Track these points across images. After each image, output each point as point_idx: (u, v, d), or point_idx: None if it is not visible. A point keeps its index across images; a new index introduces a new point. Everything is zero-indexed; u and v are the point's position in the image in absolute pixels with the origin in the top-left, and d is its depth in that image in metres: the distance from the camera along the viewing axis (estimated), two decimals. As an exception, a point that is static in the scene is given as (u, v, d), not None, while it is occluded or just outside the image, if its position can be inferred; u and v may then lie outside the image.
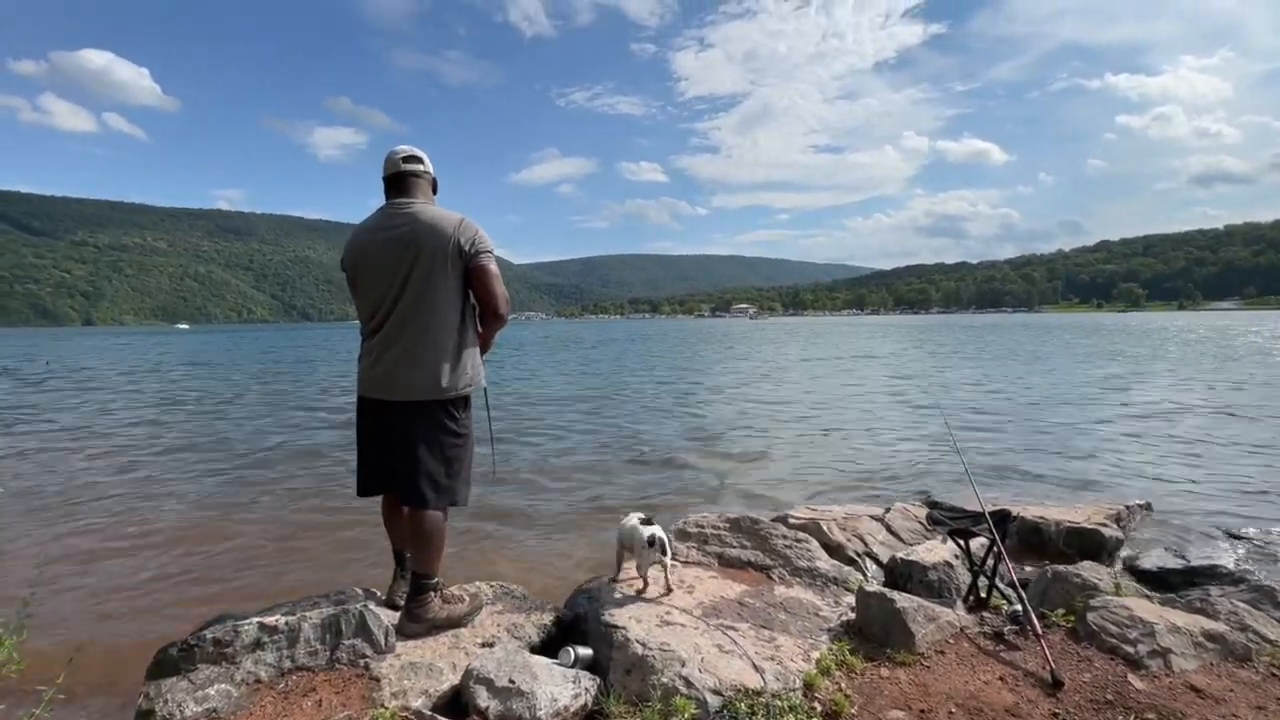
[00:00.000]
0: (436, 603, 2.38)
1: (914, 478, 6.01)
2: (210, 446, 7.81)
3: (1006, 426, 8.49)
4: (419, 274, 2.20)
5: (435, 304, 2.24)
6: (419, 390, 2.24)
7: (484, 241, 2.27)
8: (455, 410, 2.32)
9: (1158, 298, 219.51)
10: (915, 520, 4.04)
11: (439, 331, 2.25)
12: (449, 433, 2.30)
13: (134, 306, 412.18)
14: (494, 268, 2.28)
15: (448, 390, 2.26)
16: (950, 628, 2.43)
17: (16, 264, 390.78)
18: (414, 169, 2.33)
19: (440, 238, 2.20)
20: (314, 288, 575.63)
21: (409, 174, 2.33)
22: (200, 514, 5.04)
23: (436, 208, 2.32)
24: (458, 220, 2.25)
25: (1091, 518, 3.98)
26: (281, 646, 2.14)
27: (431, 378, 2.23)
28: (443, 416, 2.29)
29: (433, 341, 2.24)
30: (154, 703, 1.89)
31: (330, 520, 4.84)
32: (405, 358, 2.24)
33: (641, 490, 5.67)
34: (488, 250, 2.27)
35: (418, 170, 2.34)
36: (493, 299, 2.29)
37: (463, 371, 2.30)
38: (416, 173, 2.34)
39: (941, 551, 3.08)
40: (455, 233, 2.23)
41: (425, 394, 2.24)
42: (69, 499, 5.43)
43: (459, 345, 2.28)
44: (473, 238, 2.25)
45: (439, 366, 2.24)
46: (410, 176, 2.33)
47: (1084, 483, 5.73)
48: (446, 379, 2.25)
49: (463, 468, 2.36)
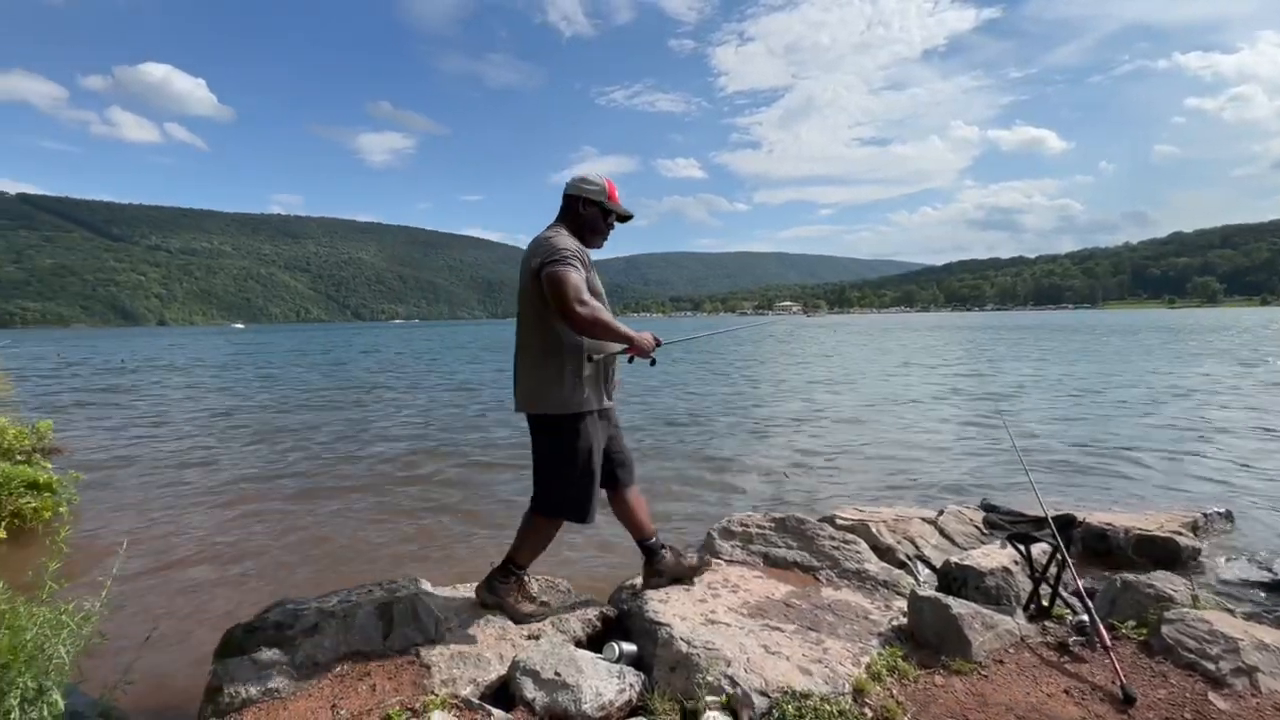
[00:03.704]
0: (513, 588, 2.51)
1: (968, 479, 5.78)
2: (279, 438, 8.19)
3: (1069, 428, 8.07)
4: (520, 293, 2.39)
5: (526, 321, 2.38)
6: (519, 403, 2.43)
7: (551, 250, 2.25)
8: (546, 427, 2.38)
9: (1237, 292, 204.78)
10: (970, 524, 3.89)
11: (528, 349, 2.38)
12: (542, 446, 2.42)
13: (202, 307, 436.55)
14: (559, 271, 2.20)
15: (535, 407, 2.37)
16: (1010, 636, 2.33)
17: (99, 267, 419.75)
18: (566, 193, 2.47)
19: (527, 258, 2.34)
20: (365, 288, 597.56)
21: (564, 197, 2.48)
22: (267, 502, 5.30)
23: (549, 230, 2.40)
24: (541, 238, 2.34)
25: (1165, 525, 3.75)
26: (338, 631, 2.22)
27: (523, 393, 2.40)
28: (535, 429, 2.43)
29: (525, 358, 2.40)
30: (222, 680, 1.98)
31: (393, 515, 5.00)
32: (516, 373, 2.46)
33: (686, 487, 5.64)
34: (554, 258, 2.23)
35: (566, 193, 2.47)
36: (558, 303, 2.22)
37: (542, 390, 2.33)
38: (565, 194, 2.48)
39: (999, 557, 2.95)
40: (533, 250, 2.32)
41: (520, 407, 2.43)
42: (148, 483, 5.79)
43: (540, 363, 2.33)
44: (541, 250, 2.28)
45: (526, 383, 2.39)
46: (563, 198, 2.48)
47: (1156, 488, 5.39)
48: (532, 395, 2.36)
49: (558, 483, 2.40)
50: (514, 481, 5.90)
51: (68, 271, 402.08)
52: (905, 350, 24.89)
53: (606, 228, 2.52)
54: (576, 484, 2.38)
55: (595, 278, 2.38)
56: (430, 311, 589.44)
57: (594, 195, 2.43)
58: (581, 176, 2.45)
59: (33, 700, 1.52)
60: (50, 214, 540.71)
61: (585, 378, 2.32)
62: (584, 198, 2.44)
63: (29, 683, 1.50)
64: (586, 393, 2.33)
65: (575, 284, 2.19)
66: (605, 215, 2.49)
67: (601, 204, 2.45)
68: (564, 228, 2.40)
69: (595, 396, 2.36)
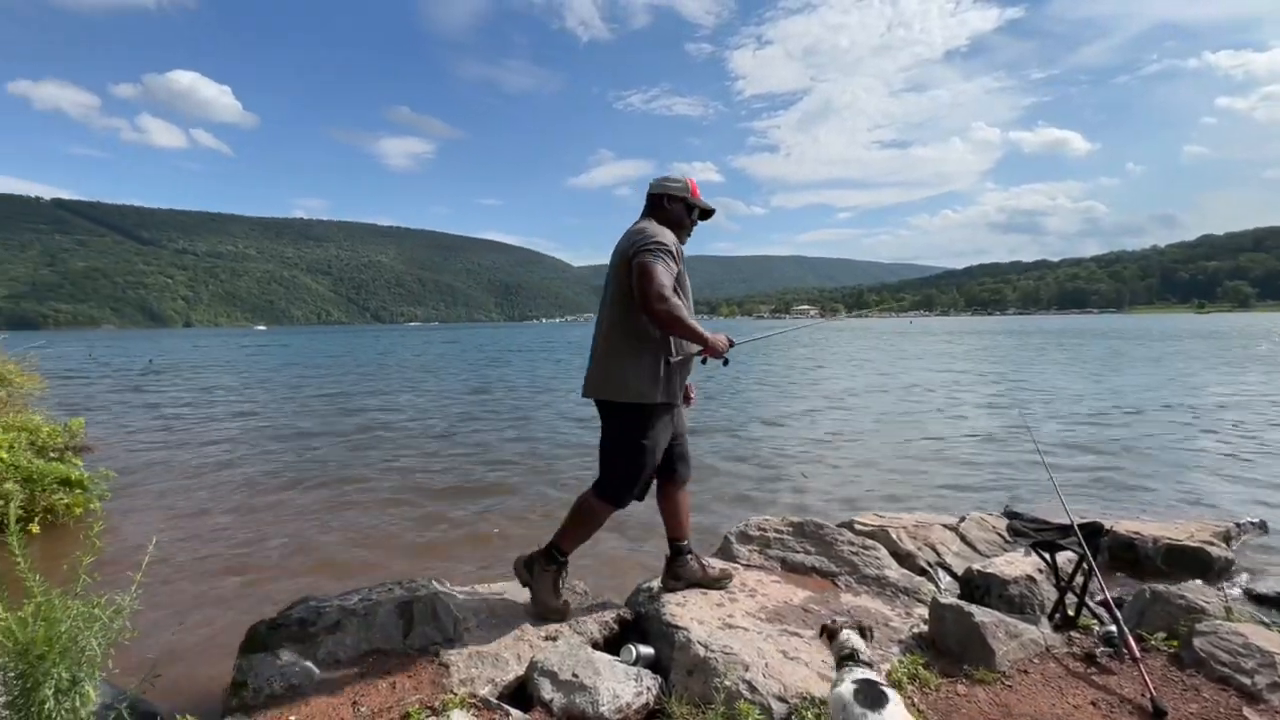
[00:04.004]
0: (550, 576, 2.48)
1: (989, 486, 5.69)
2: (301, 438, 8.33)
3: (1095, 434, 7.91)
4: (608, 279, 2.44)
5: (610, 308, 2.41)
6: (590, 387, 2.44)
7: (647, 239, 2.27)
8: (617, 414, 2.38)
9: (1270, 297, 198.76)
10: (992, 531, 3.82)
11: (606, 335, 2.41)
12: (612, 432, 2.43)
13: (226, 309, 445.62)
14: (648, 261, 2.21)
15: (609, 394, 2.37)
16: (1035, 646, 2.28)
17: (129, 270, 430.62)
18: (650, 192, 2.53)
19: (619, 246, 2.39)
20: (385, 291, 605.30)
21: (647, 197, 2.55)
22: (290, 499, 5.38)
23: (642, 220, 2.46)
24: (638, 227, 2.39)
25: (1195, 535, 3.65)
26: (359, 629, 2.24)
27: (598, 378, 2.41)
28: (606, 415, 2.44)
29: (605, 345, 2.41)
30: (246, 675, 2.02)
31: (412, 515, 5.06)
32: (593, 356, 2.47)
33: (704, 489, 5.63)
34: (647, 247, 2.25)
35: (650, 192, 2.53)
36: (641, 295, 2.22)
37: (616, 377, 2.34)
38: (649, 193, 2.53)
39: (1023, 565, 2.89)
40: (628, 237, 2.36)
41: (591, 392, 2.44)
42: (173, 480, 5.92)
43: (619, 351, 2.35)
44: (638, 238, 2.30)
45: (603, 369, 2.39)
46: (647, 198, 2.54)
47: (1185, 497, 5.26)
48: (608, 382, 2.37)
49: (616, 468, 2.41)
50: (535, 483, 5.93)
51: (99, 274, 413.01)
52: (925, 354, 24.57)
53: (691, 223, 2.56)
54: (632, 470, 2.39)
55: (685, 274, 2.39)
56: (448, 314, 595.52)
57: (678, 192, 2.49)
58: (664, 176, 2.53)
59: (66, 691, 1.55)
60: (83, 218, 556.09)
61: (663, 372, 2.34)
62: (668, 194, 2.49)
63: (63, 674, 1.53)
64: (661, 386, 2.34)
65: (661, 279, 2.18)
66: (689, 211, 2.53)
67: (686, 200, 2.50)
68: (655, 221, 2.44)
69: (668, 391, 2.37)
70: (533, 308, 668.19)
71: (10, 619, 1.47)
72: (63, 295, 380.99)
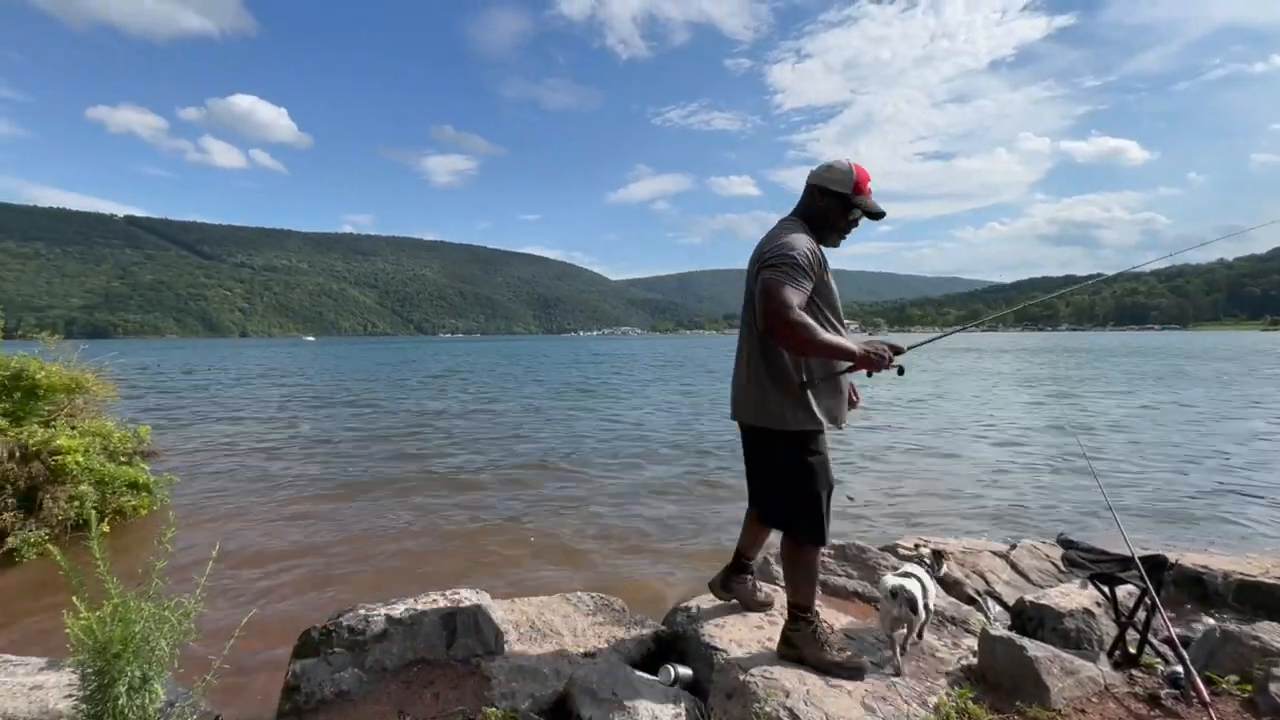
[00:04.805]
0: (806, 635, 2.20)
1: (1042, 512, 5.46)
2: (354, 447, 8.61)
3: (1156, 459, 7.51)
4: (746, 295, 2.19)
5: (747, 323, 2.19)
6: (738, 410, 2.24)
7: (774, 251, 1.99)
8: (762, 440, 2.19)
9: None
10: (1046, 560, 3.67)
11: (744, 353, 2.19)
12: (762, 458, 2.23)
13: (280, 320, 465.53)
14: (769, 278, 1.94)
15: (756, 419, 2.16)
16: (1093, 684, 2.18)
17: (191, 283, 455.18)
18: (807, 181, 2.18)
19: (751, 257, 2.13)
20: (428, 303, 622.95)
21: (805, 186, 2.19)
22: (341, 507, 5.56)
23: (783, 222, 2.16)
24: (772, 233, 2.11)
25: (1271, 570, 3.41)
26: (404, 639, 2.30)
27: (741, 402, 2.21)
28: (752, 441, 2.24)
29: (741, 363, 2.21)
30: (299, 679, 2.10)
31: (457, 525, 5.17)
32: (735, 378, 2.27)
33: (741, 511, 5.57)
34: (774, 260, 1.97)
35: (808, 181, 2.18)
36: (761, 316, 1.96)
37: (773, 406, 2.10)
38: (807, 183, 2.18)
39: (1079, 597, 2.77)
40: (760, 247, 2.10)
41: (739, 416, 2.24)
42: (230, 486, 6.19)
43: (760, 376, 2.13)
44: (766, 249, 2.04)
45: (743, 392, 2.19)
46: (804, 190, 2.19)
47: (1257, 529, 4.94)
48: (752, 407, 2.16)
49: (799, 505, 2.15)
50: (577, 495, 5.98)
51: (164, 286, 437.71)
52: (978, 373, 23.79)
53: (847, 224, 2.15)
54: (810, 500, 2.13)
55: (829, 283, 2.09)
56: (488, 326, 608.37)
57: (835, 185, 2.09)
58: (827, 164, 2.13)
59: (137, 689, 1.65)
60: (152, 234, 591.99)
61: (812, 395, 2.08)
62: (823, 187, 2.11)
63: (135, 673, 1.63)
64: (817, 411, 2.10)
65: (782, 297, 1.89)
66: (846, 210, 2.12)
67: (845, 196, 2.09)
68: (799, 221, 2.14)
69: (826, 412, 2.12)
70: (570, 321, 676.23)
71: (91, 619, 1.57)
72: (131, 306, 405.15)
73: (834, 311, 2.12)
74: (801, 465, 2.12)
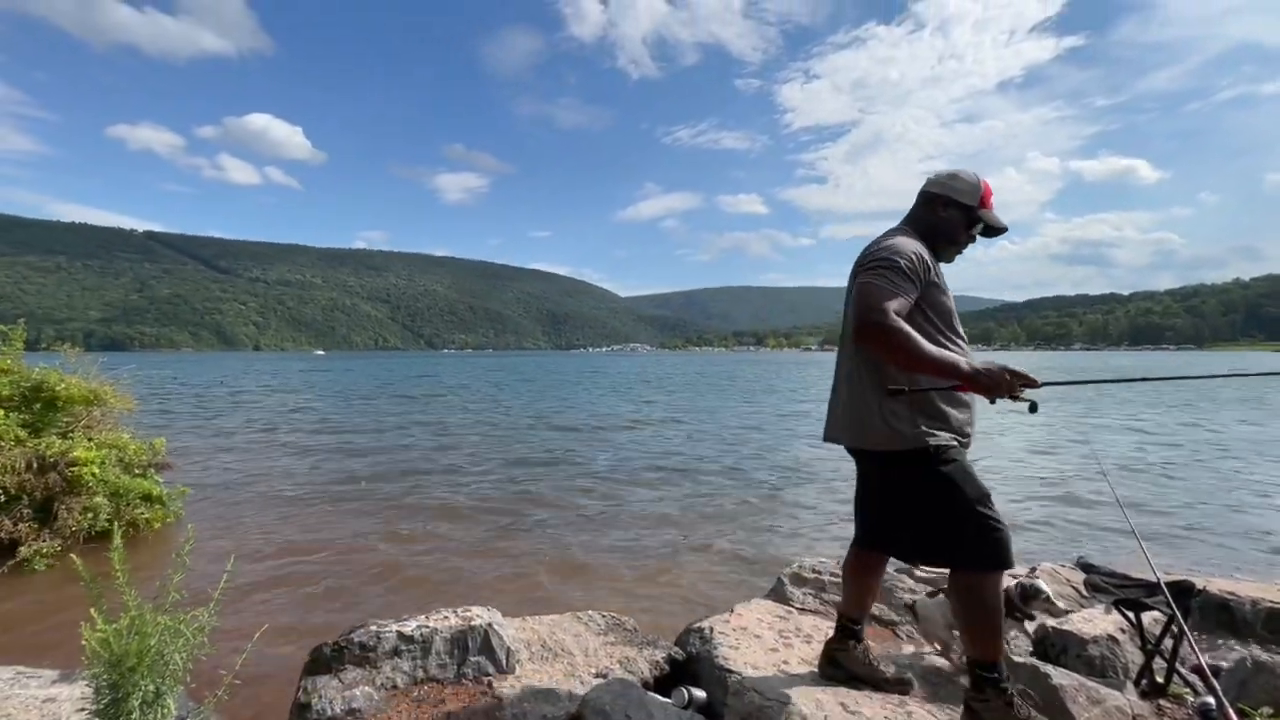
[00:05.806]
0: (993, 699, 1.85)
1: (1062, 535, 5.36)
2: (364, 463, 8.64)
3: (1180, 481, 7.37)
4: (846, 304, 2.02)
5: (845, 336, 2.02)
6: (842, 433, 2.04)
7: (878, 253, 1.86)
8: (881, 463, 1.96)
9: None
10: (1067, 584, 3.58)
11: (843, 369, 2.03)
12: (890, 485, 1.97)
13: (293, 334, 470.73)
14: (866, 281, 1.80)
15: (856, 441, 1.97)
16: (1120, 715, 2.11)
17: (207, 297, 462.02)
18: (924, 189, 2.06)
19: (856, 262, 1.96)
20: (439, 318, 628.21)
21: (920, 194, 2.07)
22: (351, 523, 5.56)
23: (890, 230, 2.01)
24: (879, 237, 1.97)
25: (1301, 598, 3.32)
26: (416, 656, 2.28)
27: (849, 424, 1.99)
28: (868, 464, 2.03)
29: (840, 380, 2.05)
30: (310, 696, 2.08)
31: (468, 542, 5.15)
32: (834, 397, 2.10)
33: (753, 532, 5.51)
34: (873, 264, 1.83)
35: (925, 189, 2.05)
36: (854, 315, 1.82)
37: (864, 419, 1.92)
38: (923, 189, 2.06)
39: (1103, 623, 2.70)
40: (864, 251, 1.95)
41: (847, 440, 2.02)
42: (241, 500, 6.22)
43: (864, 388, 1.94)
44: (870, 251, 1.91)
45: (842, 409, 2.02)
46: (919, 195, 2.07)
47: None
48: (848, 425, 1.99)
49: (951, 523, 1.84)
50: (590, 512, 5.94)
51: (180, 300, 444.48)
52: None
53: (968, 239, 2.02)
54: (968, 519, 1.83)
55: (942, 290, 1.93)
56: (497, 341, 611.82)
57: (961, 196, 1.97)
58: (951, 173, 2.01)
59: (150, 704, 1.64)
60: (170, 249, 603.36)
61: (927, 405, 1.87)
62: (947, 197, 1.98)
63: (149, 686, 1.62)
64: (939, 421, 1.87)
65: (877, 299, 1.75)
66: (970, 224, 2.00)
67: (970, 209, 1.97)
68: (911, 229, 2.01)
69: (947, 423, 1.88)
70: (579, 337, 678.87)
71: (108, 631, 1.57)
72: (149, 319, 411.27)
73: (946, 323, 1.93)
74: (941, 479, 1.84)
